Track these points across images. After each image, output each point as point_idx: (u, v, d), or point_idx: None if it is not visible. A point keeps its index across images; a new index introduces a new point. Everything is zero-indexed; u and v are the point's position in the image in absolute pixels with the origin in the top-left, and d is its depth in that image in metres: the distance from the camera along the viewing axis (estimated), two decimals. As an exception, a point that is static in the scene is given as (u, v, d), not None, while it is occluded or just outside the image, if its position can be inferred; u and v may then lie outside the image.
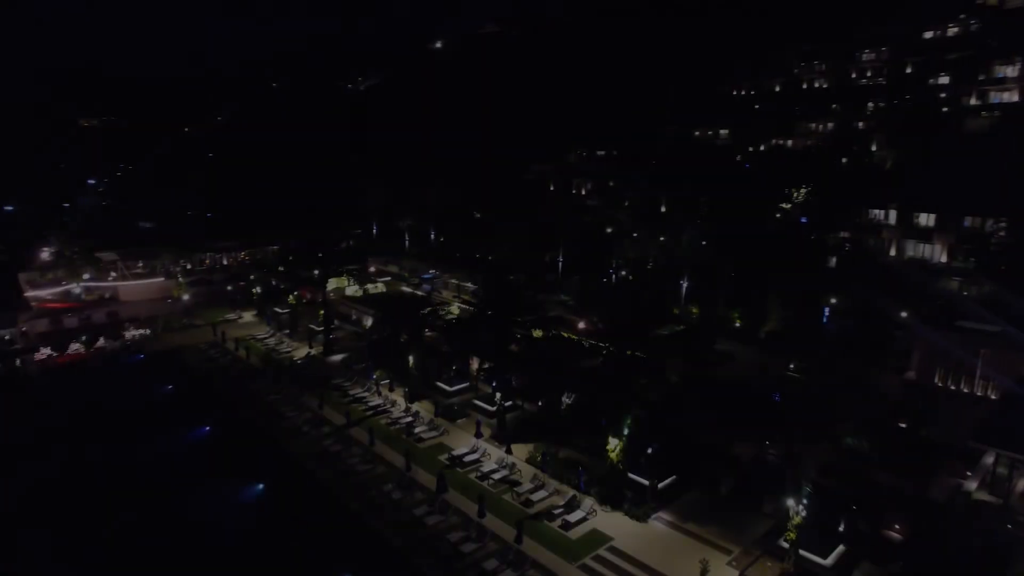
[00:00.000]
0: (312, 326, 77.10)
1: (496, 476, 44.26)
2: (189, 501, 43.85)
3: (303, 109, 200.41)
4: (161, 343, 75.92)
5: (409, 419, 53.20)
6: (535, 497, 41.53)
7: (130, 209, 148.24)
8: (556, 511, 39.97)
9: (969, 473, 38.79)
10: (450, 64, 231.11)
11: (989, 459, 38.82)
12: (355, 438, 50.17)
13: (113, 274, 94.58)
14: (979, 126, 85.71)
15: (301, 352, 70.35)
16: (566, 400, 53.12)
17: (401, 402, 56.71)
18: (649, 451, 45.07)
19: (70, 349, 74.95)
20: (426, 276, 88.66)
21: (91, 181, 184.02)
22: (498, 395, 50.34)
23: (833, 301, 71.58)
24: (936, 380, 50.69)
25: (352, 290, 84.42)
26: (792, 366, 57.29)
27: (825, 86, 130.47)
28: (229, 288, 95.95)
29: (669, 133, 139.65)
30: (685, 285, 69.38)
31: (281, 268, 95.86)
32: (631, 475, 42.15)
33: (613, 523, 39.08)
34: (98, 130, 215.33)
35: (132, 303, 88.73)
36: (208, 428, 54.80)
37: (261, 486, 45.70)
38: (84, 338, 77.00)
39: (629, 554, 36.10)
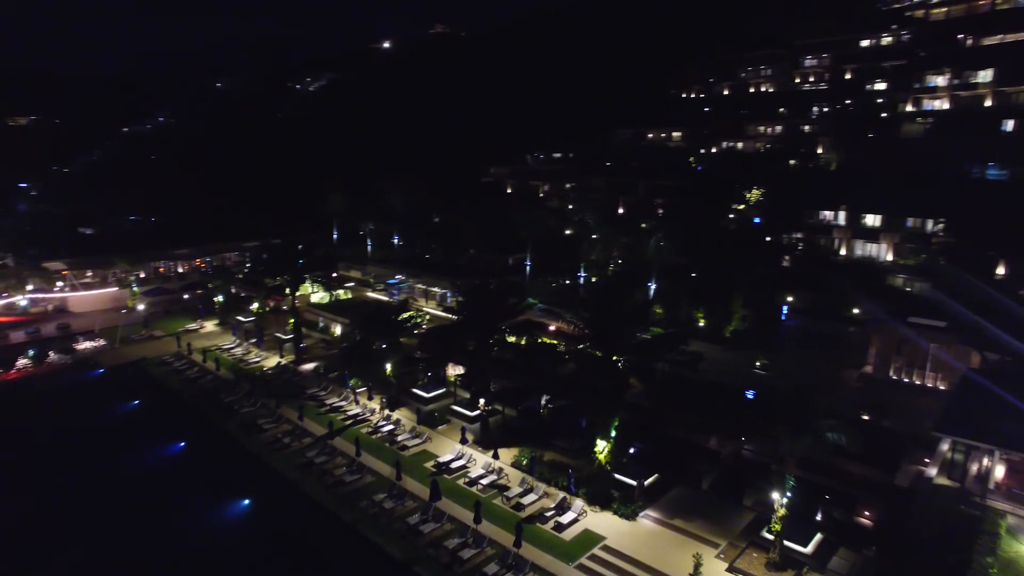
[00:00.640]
0: (279, 335, 76.07)
1: (484, 481, 45.04)
2: (173, 519, 42.93)
3: (250, 109, 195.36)
4: (120, 356, 73.34)
5: (391, 427, 53.39)
6: (525, 501, 42.48)
7: (69, 214, 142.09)
8: (548, 513, 41.05)
9: (927, 460, 41.84)
10: (399, 65, 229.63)
11: (944, 446, 41.95)
12: (339, 448, 50.05)
13: (60, 284, 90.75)
14: (915, 131, 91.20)
15: (271, 362, 69.34)
16: (547, 404, 54.41)
17: (379, 410, 56.72)
18: (632, 451, 46.84)
19: (18, 365, 71.66)
20: (392, 281, 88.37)
21: (23, 184, 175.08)
22: (481, 400, 51.06)
23: (790, 299, 75.01)
24: (891, 373, 54.14)
25: (318, 297, 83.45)
26: (758, 364, 60.15)
27: (771, 90, 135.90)
28: (186, 297, 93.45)
29: (623, 135, 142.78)
30: (653, 287, 71.55)
31: (240, 275, 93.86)
32: (616, 475, 43.59)
33: (603, 523, 40.42)
34: (29, 130, 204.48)
35: (83, 315, 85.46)
36: (183, 443, 53.56)
37: (247, 501, 45.12)
38: (33, 353, 73.74)
39: (623, 552, 37.50)
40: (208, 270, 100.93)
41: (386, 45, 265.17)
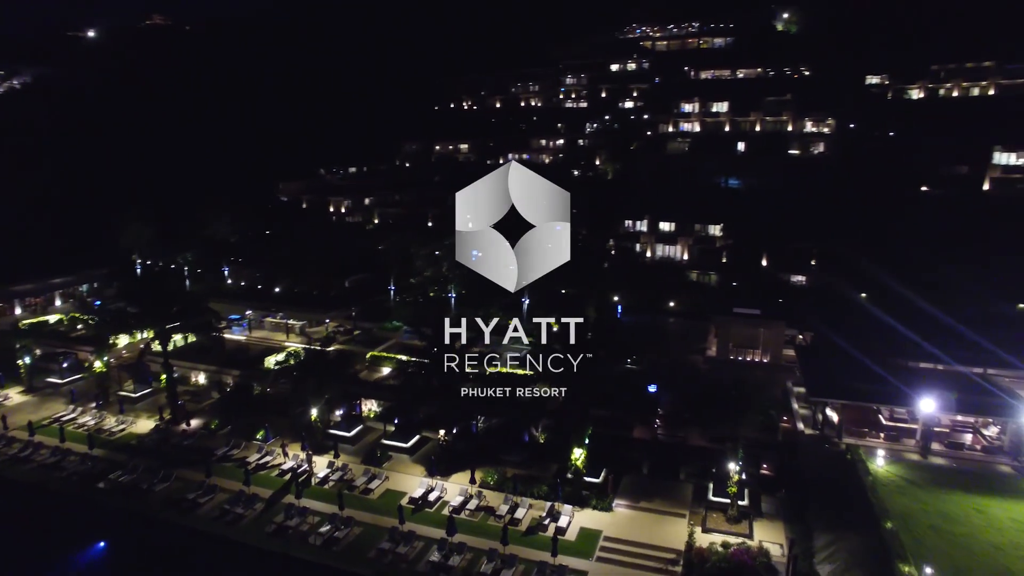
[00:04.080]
0: (123, 393, 67.05)
1: (470, 507, 48.34)
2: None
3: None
4: (-95, 453, 57.18)
5: (340, 473, 52.82)
6: (518, 515, 47.07)
7: None
8: (545, 522, 46.34)
9: (786, 418, 56.78)
10: (119, 60, 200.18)
11: (795, 404, 57.46)
12: (308, 507, 48.36)
13: None
14: (678, 149, 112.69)
15: (141, 426, 61.09)
16: (481, 423, 58.74)
17: (308, 458, 54.96)
18: (583, 451, 54.03)
19: None
20: (235, 317, 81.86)
21: None
22: (442, 431, 53.62)
23: (616, 298, 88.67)
24: (730, 355, 69.66)
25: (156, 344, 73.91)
26: (629, 360, 71.39)
27: (539, 105, 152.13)
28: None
29: (411, 148, 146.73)
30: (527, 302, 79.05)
31: (21, 327, 78.22)
32: (585, 477, 50.45)
33: (590, 519, 47.05)
34: None
35: None
36: (103, 543, 46.07)
37: (240, 585, 42.03)
38: None
39: (622, 538, 44.72)
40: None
41: (91, 34, 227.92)
